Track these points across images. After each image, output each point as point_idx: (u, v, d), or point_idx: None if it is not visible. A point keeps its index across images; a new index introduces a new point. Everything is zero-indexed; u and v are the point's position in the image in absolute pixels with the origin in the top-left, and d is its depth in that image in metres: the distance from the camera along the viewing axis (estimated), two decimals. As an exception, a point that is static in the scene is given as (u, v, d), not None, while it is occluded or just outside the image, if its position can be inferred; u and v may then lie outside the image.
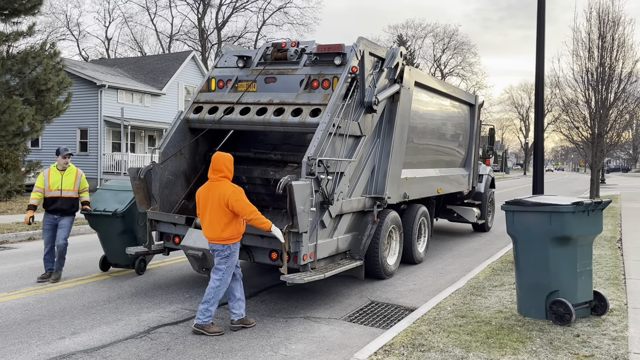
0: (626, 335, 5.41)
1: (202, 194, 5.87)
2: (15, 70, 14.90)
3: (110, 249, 8.32)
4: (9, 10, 15.04)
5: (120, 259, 8.30)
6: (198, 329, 5.69)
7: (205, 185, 5.89)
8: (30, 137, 15.90)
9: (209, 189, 5.82)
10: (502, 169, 67.04)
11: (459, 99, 11.72)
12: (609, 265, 8.80)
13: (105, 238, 8.26)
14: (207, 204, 5.77)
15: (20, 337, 5.59)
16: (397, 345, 5.15)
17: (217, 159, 5.85)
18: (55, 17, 66.60)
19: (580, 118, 22.78)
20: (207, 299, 5.72)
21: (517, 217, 6.08)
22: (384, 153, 8.26)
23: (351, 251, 7.57)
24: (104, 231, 8.18)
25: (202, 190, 5.88)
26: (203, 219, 5.85)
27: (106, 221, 8.01)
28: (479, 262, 9.85)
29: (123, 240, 8.06)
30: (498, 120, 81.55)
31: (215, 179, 5.80)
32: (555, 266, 5.82)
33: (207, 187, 5.84)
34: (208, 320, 5.71)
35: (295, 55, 7.84)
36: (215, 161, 5.84)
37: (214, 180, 5.81)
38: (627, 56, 21.85)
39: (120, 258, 8.30)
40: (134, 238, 8.15)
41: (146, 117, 27.83)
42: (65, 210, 7.92)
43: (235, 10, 49.78)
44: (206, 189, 5.85)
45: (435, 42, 65.36)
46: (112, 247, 8.25)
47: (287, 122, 7.28)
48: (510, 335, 5.44)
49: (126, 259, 8.21)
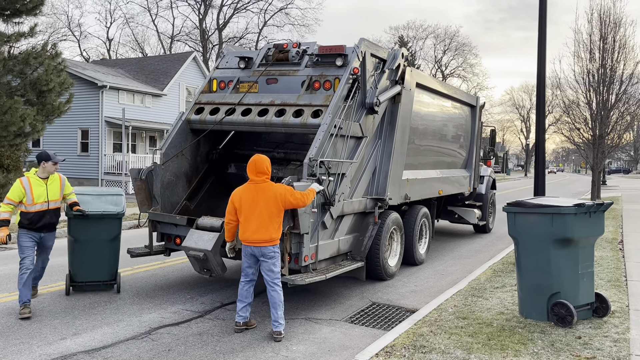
0: (628, 337, 5.40)
1: (247, 196, 5.67)
2: (17, 70, 14.90)
3: (93, 260, 7.18)
4: (10, 11, 15.04)
5: (103, 271, 7.29)
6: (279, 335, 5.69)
7: (249, 188, 5.72)
8: (31, 138, 15.88)
9: (256, 191, 5.67)
10: (503, 170, 66.99)
11: (460, 100, 11.71)
12: (611, 267, 8.79)
13: (90, 246, 7.13)
14: (257, 206, 5.62)
15: (21, 337, 5.59)
16: (399, 347, 5.15)
17: (260, 161, 5.75)
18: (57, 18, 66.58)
19: (582, 119, 22.76)
20: (280, 305, 5.72)
21: (518, 219, 6.08)
22: (385, 154, 8.26)
23: (352, 252, 7.56)
24: (95, 236, 7.13)
25: (246, 193, 5.70)
26: (249, 222, 5.64)
27: (103, 224, 7.15)
28: (480, 263, 9.84)
29: (114, 248, 7.30)
30: (499, 121, 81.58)
31: (260, 180, 5.72)
32: (556, 268, 5.82)
33: (253, 190, 5.69)
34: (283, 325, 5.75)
35: (296, 56, 7.85)
36: (258, 163, 5.74)
37: (259, 182, 5.70)
38: (629, 58, 21.85)
39: (103, 270, 7.28)
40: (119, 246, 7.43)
41: (147, 117, 27.85)
42: (52, 225, 6.77)
43: (237, 11, 49.81)
44: (252, 191, 5.68)
45: (437, 43, 65.42)
46: (97, 257, 7.19)
47: (289, 123, 7.28)
48: (511, 337, 5.43)
49: (109, 273, 7.32)
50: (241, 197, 5.72)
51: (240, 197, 5.72)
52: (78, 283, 7.28)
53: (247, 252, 5.76)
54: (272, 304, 5.71)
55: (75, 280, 7.25)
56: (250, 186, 5.73)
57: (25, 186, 6.51)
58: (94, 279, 7.30)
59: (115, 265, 7.39)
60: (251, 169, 5.77)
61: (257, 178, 5.73)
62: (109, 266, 7.34)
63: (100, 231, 7.19)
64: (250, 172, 5.77)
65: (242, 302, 5.87)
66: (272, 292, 5.72)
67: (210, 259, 6.40)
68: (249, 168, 5.79)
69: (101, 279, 7.33)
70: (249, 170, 5.78)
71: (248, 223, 5.67)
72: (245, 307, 5.87)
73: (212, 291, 7.53)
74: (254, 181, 5.73)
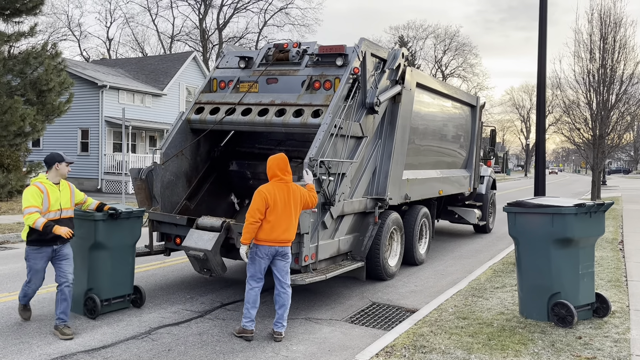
0: (628, 337, 5.39)
1: (281, 196, 5.55)
2: (17, 70, 14.91)
3: (119, 270, 6.40)
4: (10, 10, 15.04)
5: (127, 283, 6.53)
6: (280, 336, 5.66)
7: (281, 187, 5.59)
8: (31, 138, 15.89)
9: (287, 190, 5.60)
10: (503, 170, 66.97)
11: (460, 100, 11.71)
12: (611, 267, 8.79)
13: (117, 253, 6.32)
14: (289, 205, 5.57)
15: (21, 337, 5.58)
16: (399, 347, 5.14)
17: (286, 160, 5.69)
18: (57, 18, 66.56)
19: (582, 119, 22.76)
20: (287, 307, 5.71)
21: (519, 219, 6.07)
22: (385, 154, 8.25)
23: (352, 252, 7.56)
24: (123, 241, 6.38)
25: (280, 193, 5.56)
26: (280, 221, 5.51)
27: (128, 225, 6.42)
28: (481, 263, 9.83)
29: (134, 254, 6.66)
30: (499, 121, 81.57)
31: (289, 180, 5.67)
32: (557, 268, 5.81)
33: (285, 189, 5.60)
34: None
35: (297, 56, 7.84)
36: (284, 162, 5.67)
37: (288, 181, 5.65)
38: (629, 58, 21.85)
39: (126, 282, 6.53)
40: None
41: (147, 117, 27.83)
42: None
43: (237, 11, 49.79)
44: (284, 191, 5.59)
45: (437, 43, 65.41)
46: (123, 265, 6.45)
47: (289, 123, 7.28)
48: (512, 337, 5.43)
49: (131, 285, 6.58)
50: (276, 195, 5.52)
51: (275, 195, 5.52)
52: (104, 301, 6.26)
53: (267, 253, 5.56)
54: (281, 305, 5.66)
55: (101, 297, 6.21)
56: (282, 185, 5.60)
57: (42, 190, 5.62)
58: (119, 293, 6.43)
59: (133, 274, 6.69)
60: (281, 168, 5.63)
61: (286, 177, 5.64)
62: (131, 276, 6.58)
63: (127, 234, 6.44)
64: (280, 171, 5.62)
65: (255, 307, 5.67)
66: (284, 294, 5.68)
67: (210, 259, 6.39)
68: (276, 166, 5.62)
69: (125, 293, 6.52)
70: (278, 168, 5.61)
71: (279, 222, 5.51)
72: (255, 311, 5.69)
73: (212, 291, 7.52)
74: (284, 180, 5.62)
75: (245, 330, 5.62)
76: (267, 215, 5.51)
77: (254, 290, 5.64)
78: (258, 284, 5.65)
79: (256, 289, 5.65)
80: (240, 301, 7.02)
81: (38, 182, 5.70)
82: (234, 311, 6.61)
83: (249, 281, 5.66)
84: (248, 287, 5.66)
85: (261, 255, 5.57)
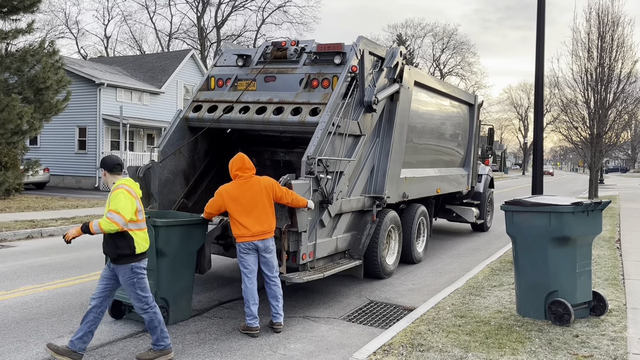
0: (625, 335, 5.41)
1: (238, 193, 5.68)
2: (14, 68, 14.86)
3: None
4: (7, 8, 14.99)
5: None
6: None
7: (237, 185, 5.73)
8: (28, 136, 15.84)
9: (247, 186, 5.71)
10: (500, 168, 67.03)
11: (458, 99, 11.71)
12: (608, 266, 8.81)
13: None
14: (251, 201, 5.66)
15: (18, 335, 5.57)
16: (396, 345, 5.15)
17: (244, 158, 5.83)
18: (54, 15, 66.49)
19: (579, 118, 22.81)
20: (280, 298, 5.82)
21: (516, 217, 6.08)
22: (383, 152, 8.25)
23: (350, 250, 7.56)
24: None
25: (236, 190, 5.69)
26: (248, 218, 5.63)
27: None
28: (478, 262, 9.85)
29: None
30: (497, 120, 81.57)
31: (248, 176, 5.77)
32: (554, 266, 5.82)
33: (243, 185, 5.71)
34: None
35: (295, 54, 7.83)
36: (244, 160, 5.81)
37: (247, 177, 5.75)
38: (627, 56, 21.90)
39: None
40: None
41: (145, 115, 27.79)
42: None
43: (235, 8, 49.72)
44: (242, 187, 5.70)
45: (435, 41, 65.34)
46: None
47: (287, 121, 7.27)
48: (509, 335, 5.44)
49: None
50: (233, 195, 5.69)
51: (233, 195, 5.69)
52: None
53: (250, 248, 5.70)
54: (274, 297, 5.78)
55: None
56: (240, 182, 5.75)
57: (135, 196, 4.88)
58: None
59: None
60: (239, 167, 5.79)
61: (245, 174, 5.78)
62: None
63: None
64: (237, 170, 5.79)
65: (255, 304, 5.68)
66: (274, 286, 5.79)
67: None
68: (234, 166, 5.80)
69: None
70: (236, 168, 5.79)
71: (247, 219, 5.65)
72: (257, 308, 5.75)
73: (210, 289, 7.52)
74: (243, 177, 5.76)
75: (250, 327, 5.68)
76: (232, 214, 5.70)
77: (249, 287, 5.71)
78: (251, 280, 5.73)
79: (251, 286, 5.71)
80: (237, 299, 7.02)
81: (124, 185, 4.90)
82: (231, 309, 6.61)
83: (243, 279, 5.77)
84: (243, 285, 5.76)
85: (244, 251, 5.72)
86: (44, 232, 12.21)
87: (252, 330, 5.66)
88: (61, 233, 12.46)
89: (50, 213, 15.32)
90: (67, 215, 14.83)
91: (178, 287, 5.94)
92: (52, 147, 26.73)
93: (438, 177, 10.74)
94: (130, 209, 4.74)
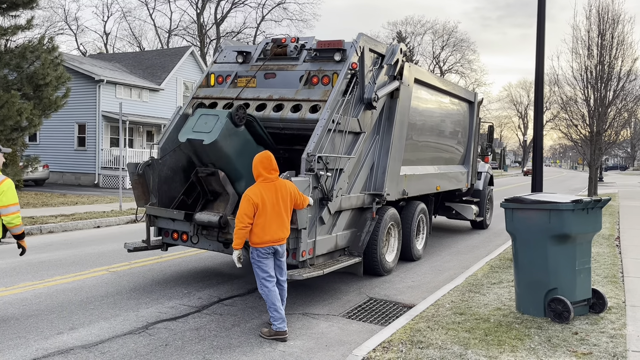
0: (624, 333, 5.41)
1: (269, 196, 5.41)
2: (13, 64, 14.85)
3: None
4: (7, 4, 14.97)
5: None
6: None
7: (268, 187, 5.44)
8: (28, 132, 15.86)
9: (275, 190, 5.46)
10: (500, 166, 67.04)
11: (458, 96, 11.70)
12: (607, 263, 8.81)
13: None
14: (277, 204, 5.44)
15: (18, 332, 5.57)
16: (396, 342, 5.15)
17: (269, 158, 5.53)
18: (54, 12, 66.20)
19: (579, 116, 22.80)
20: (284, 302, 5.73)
21: (516, 215, 6.08)
22: (383, 150, 8.25)
23: (350, 248, 7.56)
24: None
25: (267, 193, 5.41)
26: (271, 221, 5.40)
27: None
28: (478, 259, 9.85)
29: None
30: (497, 117, 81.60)
31: (274, 177, 5.53)
32: (554, 264, 5.82)
33: (272, 189, 5.45)
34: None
35: (295, 51, 7.82)
36: (268, 160, 5.51)
37: (274, 179, 5.51)
38: (627, 54, 21.89)
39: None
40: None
41: (145, 112, 27.76)
42: None
43: (234, 5, 49.65)
44: (272, 190, 5.44)
45: (435, 39, 65.31)
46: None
47: (287, 118, 7.26)
48: (508, 332, 5.44)
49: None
50: (263, 197, 5.38)
51: (263, 197, 5.38)
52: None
53: (269, 253, 5.48)
54: (280, 300, 5.65)
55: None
56: (269, 185, 5.46)
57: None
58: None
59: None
60: (265, 166, 5.47)
61: (272, 175, 5.52)
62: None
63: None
64: (264, 170, 5.47)
65: (282, 306, 5.56)
66: (282, 290, 5.71)
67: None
68: (260, 166, 5.47)
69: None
70: (262, 167, 5.47)
71: (270, 223, 5.40)
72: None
73: (210, 286, 7.53)
74: (270, 179, 5.48)
75: (279, 332, 5.46)
76: (256, 219, 5.37)
77: (273, 290, 5.50)
78: (272, 283, 5.52)
79: (273, 289, 5.50)
80: (237, 296, 7.03)
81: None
82: (231, 306, 6.61)
83: (264, 284, 5.49)
84: (265, 290, 5.48)
85: (263, 256, 5.47)
86: (44, 229, 12.20)
87: (284, 334, 5.45)
88: (61, 230, 12.46)
89: (49, 210, 15.30)
90: (66, 212, 14.83)
91: None
92: (52, 144, 26.70)
93: (438, 175, 10.74)
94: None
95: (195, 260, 9.14)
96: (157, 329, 5.73)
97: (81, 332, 5.58)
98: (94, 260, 8.89)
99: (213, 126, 6.60)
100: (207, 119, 6.74)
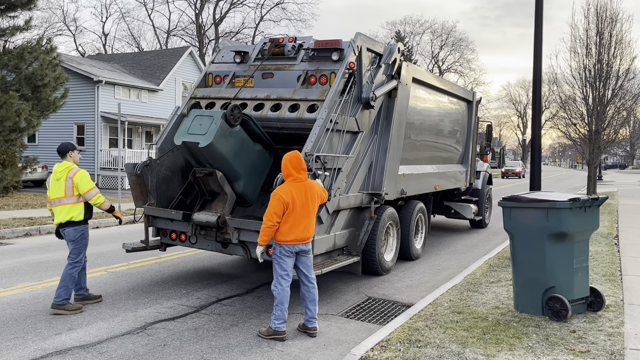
0: (622, 331, 5.42)
1: (299, 196, 5.40)
2: (12, 65, 14.84)
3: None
4: (5, 5, 14.96)
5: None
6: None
7: (298, 187, 5.43)
8: (26, 133, 15.83)
9: (304, 189, 5.45)
10: (499, 165, 67.02)
11: (456, 96, 11.71)
12: (606, 262, 8.82)
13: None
14: (307, 204, 5.44)
15: (16, 332, 5.57)
16: (394, 341, 5.15)
17: (298, 158, 5.51)
18: (52, 12, 66.33)
19: (578, 115, 22.81)
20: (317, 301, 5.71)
21: (514, 214, 6.08)
22: (381, 149, 8.25)
23: (348, 247, 7.56)
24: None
25: (297, 192, 5.40)
26: (299, 221, 5.39)
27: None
28: (476, 258, 9.86)
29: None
30: (496, 116, 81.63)
31: (304, 177, 5.52)
32: (551, 262, 5.83)
33: (302, 188, 5.45)
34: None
35: (292, 50, 7.82)
36: (298, 160, 5.50)
37: (303, 179, 5.50)
38: (625, 53, 21.92)
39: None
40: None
41: (143, 112, 27.75)
42: None
43: (233, 5, 49.65)
44: (301, 190, 5.43)
45: (433, 38, 65.36)
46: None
47: (284, 118, 7.26)
48: (506, 331, 5.45)
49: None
50: (294, 196, 5.37)
51: (293, 196, 5.37)
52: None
53: (292, 252, 5.45)
54: (311, 300, 5.60)
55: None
56: (299, 185, 5.45)
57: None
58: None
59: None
60: (295, 166, 5.46)
61: (301, 175, 5.50)
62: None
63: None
64: (294, 169, 5.45)
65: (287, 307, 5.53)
66: (313, 288, 5.64)
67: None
68: (290, 165, 5.46)
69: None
70: (292, 166, 5.45)
71: (297, 223, 5.40)
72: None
73: (208, 286, 7.53)
74: (299, 179, 5.47)
75: (278, 332, 5.45)
76: (285, 217, 5.36)
77: (287, 290, 5.46)
78: (288, 283, 5.49)
79: (287, 289, 5.47)
80: (235, 296, 7.03)
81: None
82: (229, 306, 6.61)
83: (280, 282, 5.44)
84: (279, 287, 5.44)
85: (286, 253, 5.43)
86: (42, 230, 12.20)
87: (282, 334, 5.46)
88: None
89: (48, 211, 15.30)
90: (65, 212, 14.80)
91: None
92: (51, 145, 26.65)
93: (436, 174, 10.74)
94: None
95: (193, 261, 9.15)
96: (156, 329, 5.73)
97: (79, 333, 5.58)
98: (92, 260, 8.89)
99: (208, 128, 6.59)
100: (201, 120, 6.73)
